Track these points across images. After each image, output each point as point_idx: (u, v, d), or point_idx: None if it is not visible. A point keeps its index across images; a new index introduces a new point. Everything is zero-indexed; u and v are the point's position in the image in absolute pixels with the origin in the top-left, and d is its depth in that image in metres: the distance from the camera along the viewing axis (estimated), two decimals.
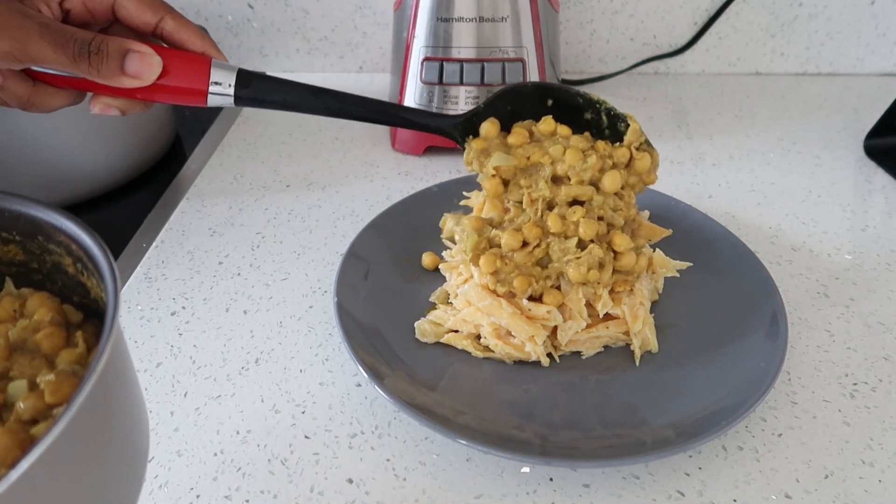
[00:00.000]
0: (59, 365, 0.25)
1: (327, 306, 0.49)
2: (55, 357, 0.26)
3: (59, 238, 0.26)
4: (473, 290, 0.43)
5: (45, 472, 0.18)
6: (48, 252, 0.27)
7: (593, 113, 0.44)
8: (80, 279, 0.27)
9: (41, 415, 0.23)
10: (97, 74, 0.36)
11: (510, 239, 0.42)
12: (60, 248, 0.27)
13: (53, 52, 0.34)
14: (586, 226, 0.41)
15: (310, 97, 0.41)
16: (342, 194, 0.63)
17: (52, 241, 0.27)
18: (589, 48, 0.85)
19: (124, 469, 0.23)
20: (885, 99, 0.70)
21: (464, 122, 0.44)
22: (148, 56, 0.37)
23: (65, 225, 0.26)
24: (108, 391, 0.21)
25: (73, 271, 0.27)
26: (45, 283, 0.29)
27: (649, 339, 0.43)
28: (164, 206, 0.62)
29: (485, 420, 0.38)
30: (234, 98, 0.39)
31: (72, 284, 0.28)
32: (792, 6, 0.81)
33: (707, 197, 0.61)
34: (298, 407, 0.41)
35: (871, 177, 0.64)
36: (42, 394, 0.23)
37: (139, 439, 0.24)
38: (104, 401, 0.21)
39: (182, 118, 0.78)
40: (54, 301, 0.28)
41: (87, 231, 0.25)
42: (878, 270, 0.52)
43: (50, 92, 0.38)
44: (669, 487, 0.36)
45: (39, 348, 0.26)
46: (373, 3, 0.82)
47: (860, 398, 0.41)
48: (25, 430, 0.23)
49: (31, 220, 0.27)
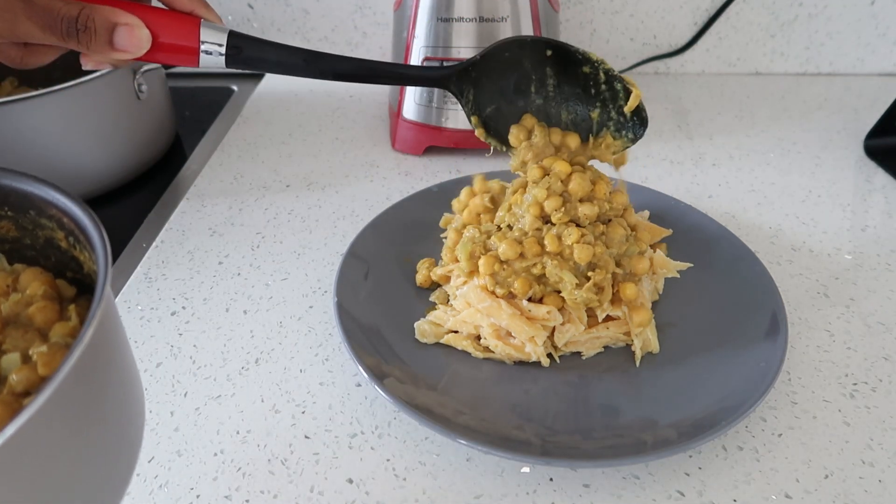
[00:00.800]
0: (53, 338, 0.25)
1: (327, 306, 0.49)
2: (48, 331, 0.26)
3: (51, 212, 0.26)
4: (473, 291, 0.43)
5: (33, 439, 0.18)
6: (41, 227, 0.27)
7: (591, 69, 0.44)
8: (73, 253, 0.27)
9: (34, 387, 0.23)
10: (87, 50, 0.36)
11: (509, 249, 0.42)
12: (52, 221, 0.26)
13: (42, 32, 0.34)
14: (581, 251, 0.41)
15: (299, 58, 0.40)
16: (342, 194, 0.63)
17: (43, 215, 0.27)
18: (589, 48, 0.85)
19: (119, 439, 0.23)
20: (885, 99, 0.70)
21: (459, 73, 0.43)
22: (136, 29, 0.36)
23: (56, 198, 0.26)
24: (98, 359, 0.21)
25: (66, 245, 0.27)
26: (39, 259, 0.29)
27: (650, 339, 0.43)
28: (164, 206, 0.62)
29: (485, 420, 0.38)
30: (226, 58, 0.39)
31: (65, 259, 0.28)
32: (792, 6, 0.81)
33: (707, 197, 0.61)
34: (298, 407, 0.41)
35: (871, 177, 0.64)
36: (35, 366, 0.23)
37: (133, 408, 0.24)
38: (94, 369, 0.21)
39: (182, 118, 0.78)
40: (47, 276, 0.28)
41: (77, 203, 0.25)
42: (878, 270, 0.52)
43: (41, 51, 0.38)
44: (669, 487, 0.36)
45: (32, 322, 0.26)
46: (373, 3, 0.82)
47: (860, 398, 0.41)
48: (18, 402, 0.23)
49: (23, 194, 0.26)
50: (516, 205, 0.44)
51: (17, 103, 0.54)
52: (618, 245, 0.44)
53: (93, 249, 0.24)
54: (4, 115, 0.55)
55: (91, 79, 0.57)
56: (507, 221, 0.45)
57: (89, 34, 0.35)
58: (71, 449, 0.20)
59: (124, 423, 0.23)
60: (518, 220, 0.44)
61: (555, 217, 0.43)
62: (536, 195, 0.43)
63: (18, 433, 0.17)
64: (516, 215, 0.44)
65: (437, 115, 0.65)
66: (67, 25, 0.35)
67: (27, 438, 0.17)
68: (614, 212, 0.45)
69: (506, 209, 0.45)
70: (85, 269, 0.27)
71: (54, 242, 0.27)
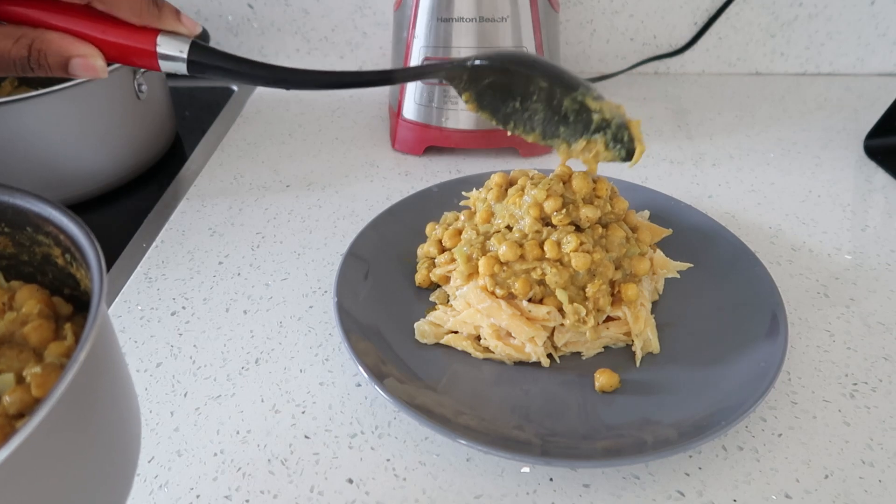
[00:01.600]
0: (48, 358, 0.25)
1: (327, 306, 0.49)
2: (43, 350, 0.25)
3: (48, 229, 0.26)
4: (473, 291, 0.43)
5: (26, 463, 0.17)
6: (37, 244, 0.27)
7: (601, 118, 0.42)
8: (70, 270, 0.27)
9: (28, 409, 0.23)
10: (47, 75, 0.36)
11: (509, 251, 0.42)
12: (49, 238, 0.26)
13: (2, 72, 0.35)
14: (578, 259, 0.42)
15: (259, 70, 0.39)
16: (342, 194, 0.63)
17: (40, 231, 0.26)
18: (589, 48, 0.85)
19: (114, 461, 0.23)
20: (885, 99, 0.70)
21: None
22: (91, 59, 0.35)
23: (52, 215, 0.25)
24: (93, 379, 0.21)
25: (63, 262, 0.27)
26: (36, 276, 0.29)
27: (651, 340, 0.43)
28: (164, 206, 0.62)
29: (485, 420, 0.38)
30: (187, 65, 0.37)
31: (62, 276, 0.28)
32: (792, 6, 0.81)
33: (707, 197, 0.61)
34: (298, 407, 0.41)
35: (871, 177, 0.64)
36: (29, 387, 0.23)
37: (129, 430, 0.24)
38: (89, 390, 0.20)
39: (182, 118, 0.78)
40: (43, 293, 0.28)
41: (74, 220, 0.25)
42: (878, 270, 0.52)
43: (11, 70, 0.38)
44: (669, 487, 0.36)
45: (27, 341, 0.26)
46: (373, 3, 0.82)
47: (860, 398, 0.41)
48: (11, 425, 0.22)
49: (20, 210, 0.26)
50: (515, 206, 0.44)
51: (16, 103, 0.54)
52: (617, 248, 0.44)
53: (87, 266, 0.23)
54: (4, 115, 0.55)
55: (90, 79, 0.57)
56: (506, 222, 0.45)
57: (44, 69, 0.35)
58: (65, 471, 0.19)
59: (120, 442, 0.23)
60: (518, 221, 0.44)
61: (555, 219, 0.43)
62: (536, 196, 0.43)
63: (10, 458, 0.17)
64: (515, 217, 0.44)
65: (437, 115, 0.65)
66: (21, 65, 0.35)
67: (20, 462, 0.17)
68: (615, 216, 0.45)
69: (503, 211, 0.45)
70: (82, 286, 0.27)
71: (51, 259, 0.27)
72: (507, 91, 0.42)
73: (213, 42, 0.85)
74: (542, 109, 0.42)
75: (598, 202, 0.44)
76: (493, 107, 0.43)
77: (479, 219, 0.47)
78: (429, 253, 0.49)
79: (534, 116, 0.43)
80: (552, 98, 0.42)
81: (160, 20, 0.36)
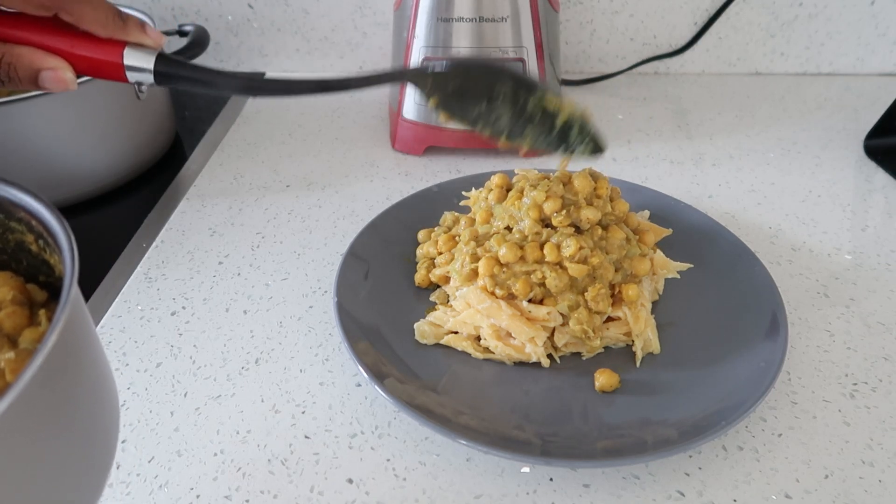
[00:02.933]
0: (22, 344, 0.25)
1: (327, 306, 0.49)
2: (17, 336, 0.25)
3: (20, 215, 0.26)
4: (473, 292, 0.43)
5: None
6: (10, 230, 0.27)
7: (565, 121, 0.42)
8: (44, 257, 0.27)
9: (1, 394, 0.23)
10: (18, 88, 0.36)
11: (509, 252, 0.42)
12: (22, 224, 0.26)
13: None
14: (575, 268, 0.42)
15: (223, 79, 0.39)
16: (342, 194, 0.63)
17: (12, 218, 0.26)
18: (589, 48, 0.85)
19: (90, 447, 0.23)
20: (885, 99, 0.70)
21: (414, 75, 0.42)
22: (61, 72, 0.36)
23: (24, 201, 0.25)
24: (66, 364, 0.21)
25: (37, 249, 0.27)
26: (11, 263, 0.28)
27: (651, 340, 0.43)
28: (164, 206, 0.62)
29: (485, 420, 0.38)
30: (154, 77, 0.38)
31: (36, 263, 0.27)
32: (792, 6, 0.81)
33: (707, 197, 0.61)
34: (298, 407, 0.41)
35: (871, 177, 0.64)
36: (3, 373, 0.23)
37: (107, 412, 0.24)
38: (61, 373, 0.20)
39: (182, 118, 0.78)
40: (17, 280, 0.28)
41: (45, 205, 0.24)
42: (878, 270, 0.52)
43: None
44: (669, 487, 0.36)
45: (1, 328, 0.25)
46: (373, 3, 0.82)
47: (860, 398, 0.41)
48: None
49: None
50: (515, 207, 0.44)
51: (17, 103, 0.55)
52: (617, 250, 0.44)
53: (59, 249, 0.23)
54: (4, 115, 0.55)
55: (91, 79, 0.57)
56: (505, 223, 0.45)
57: (14, 82, 0.35)
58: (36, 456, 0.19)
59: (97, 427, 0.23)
60: (517, 222, 0.44)
61: (555, 220, 0.43)
62: (536, 197, 0.43)
63: None
64: (515, 218, 0.44)
65: (437, 115, 0.65)
66: None
67: None
68: (615, 217, 0.45)
69: (503, 212, 0.45)
70: (56, 272, 0.27)
71: (25, 246, 0.27)
72: (472, 95, 0.43)
73: (213, 42, 0.85)
74: (508, 112, 0.43)
75: (598, 202, 0.44)
76: (461, 111, 0.43)
77: (478, 219, 0.47)
78: (429, 253, 0.49)
79: (500, 119, 0.43)
80: (516, 100, 0.42)
81: (126, 32, 0.36)
